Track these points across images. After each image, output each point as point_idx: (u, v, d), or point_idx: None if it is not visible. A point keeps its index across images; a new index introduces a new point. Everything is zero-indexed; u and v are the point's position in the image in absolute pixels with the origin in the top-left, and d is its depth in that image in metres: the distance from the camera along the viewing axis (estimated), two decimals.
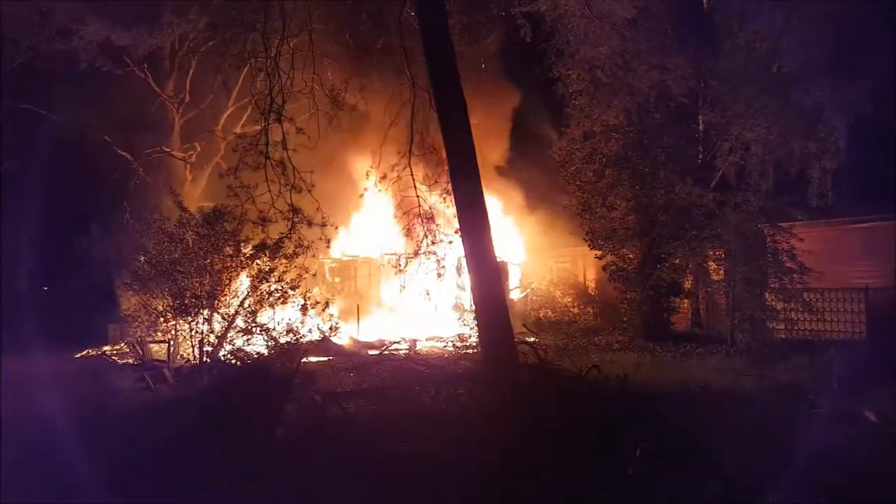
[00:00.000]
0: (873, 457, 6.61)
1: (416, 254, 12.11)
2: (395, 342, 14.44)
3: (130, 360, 13.81)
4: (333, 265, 19.02)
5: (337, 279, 18.79)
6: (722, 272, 14.79)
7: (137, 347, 13.77)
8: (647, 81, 13.80)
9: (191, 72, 18.19)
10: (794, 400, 8.91)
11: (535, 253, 20.75)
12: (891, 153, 14.41)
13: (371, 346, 14.51)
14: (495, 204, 18.70)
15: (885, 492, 5.81)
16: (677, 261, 14.44)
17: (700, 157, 15.11)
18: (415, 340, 14.75)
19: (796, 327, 13.57)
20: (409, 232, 12.24)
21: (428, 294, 12.36)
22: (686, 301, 15.71)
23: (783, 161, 14.83)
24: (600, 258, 15.78)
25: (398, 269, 12.52)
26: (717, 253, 14.70)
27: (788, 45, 13.94)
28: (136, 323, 13.51)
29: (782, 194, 14.47)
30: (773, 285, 13.78)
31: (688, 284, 15.41)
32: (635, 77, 13.82)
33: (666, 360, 12.79)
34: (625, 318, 15.49)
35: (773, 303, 13.78)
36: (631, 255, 15.09)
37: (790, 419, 7.89)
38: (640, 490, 5.89)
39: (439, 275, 12.03)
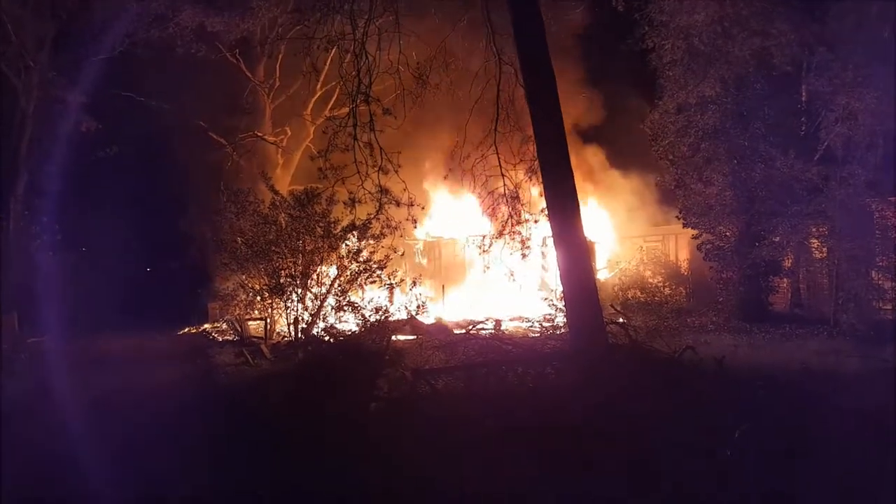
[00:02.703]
0: None
1: (501, 234, 12.07)
2: (480, 322, 14.52)
3: (229, 337, 14.55)
4: (419, 246, 19.27)
5: (423, 259, 19.05)
6: (825, 250, 14.09)
7: (236, 325, 14.47)
8: (747, 49, 13.09)
9: (280, 57, 18.70)
10: None
11: (623, 232, 20.28)
12: None
13: (457, 325, 14.66)
14: (582, 182, 18.38)
15: None
16: (777, 238, 13.84)
17: (803, 129, 14.25)
18: (500, 320, 14.78)
19: None
20: (493, 212, 12.21)
21: (512, 274, 12.30)
22: (785, 281, 15.00)
23: (894, 131, 13.78)
24: (696, 237, 15.28)
25: (482, 250, 12.52)
26: (820, 230, 14.00)
27: None
28: (235, 301, 14.23)
29: (893, 167, 13.50)
30: (880, 263, 13.15)
31: (788, 263, 14.71)
32: (734, 45, 13.14)
33: (764, 342, 12.32)
34: (720, 299, 14.97)
35: (881, 282, 13.14)
36: (728, 233, 14.53)
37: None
38: (739, 474, 5.70)
39: (524, 255, 11.95)
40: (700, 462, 5.96)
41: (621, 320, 13.00)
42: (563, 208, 10.29)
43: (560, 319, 12.82)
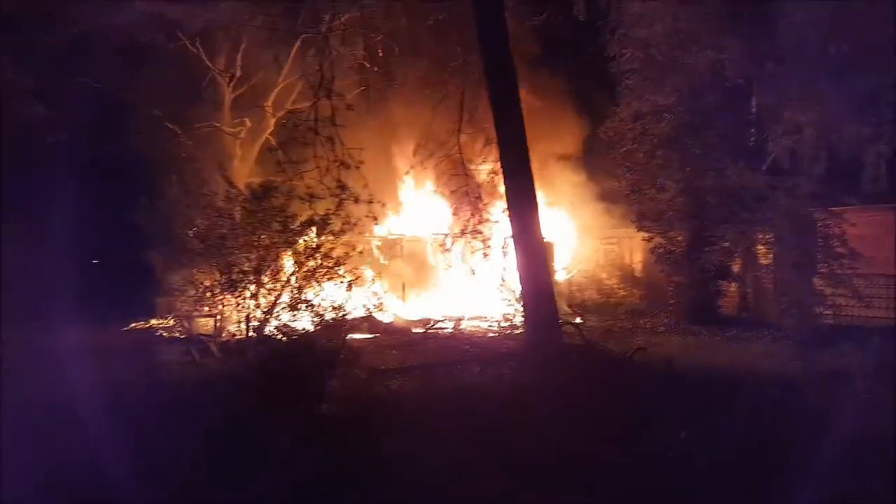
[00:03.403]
0: None
1: (463, 233, 12.16)
2: (439, 321, 14.56)
3: (178, 334, 14.14)
4: (380, 243, 19.15)
5: (383, 257, 18.92)
6: (771, 256, 14.64)
7: (184, 321, 14.09)
8: (701, 61, 13.54)
9: (242, 47, 18.24)
10: (842, 386, 8.75)
11: (582, 234, 20.66)
12: None
13: (416, 324, 14.65)
14: (543, 184, 18.57)
15: None
16: (726, 244, 14.35)
17: (752, 139, 14.80)
18: (459, 319, 14.85)
19: (844, 313, 13.39)
20: (456, 211, 12.27)
21: (473, 273, 12.40)
22: (733, 285, 15.53)
23: (837, 145, 14.42)
24: (648, 240, 15.68)
25: (444, 249, 12.57)
26: (766, 237, 14.57)
27: (844, 27, 13.45)
28: (184, 297, 13.80)
29: (835, 178, 14.13)
30: (822, 270, 13.63)
31: (736, 268, 15.26)
32: (689, 57, 13.57)
33: (712, 344, 12.73)
34: (671, 301, 15.43)
35: (822, 288, 13.59)
36: (679, 238, 14.99)
37: (838, 406, 7.74)
38: (682, 474, 5.88)
39: (485, 254, 12.06)
40: (646, 463, 6.11)
41: (577, 320, 13.29)
42: (523, 210, 10.45)
43: (519, 319, 13.01)
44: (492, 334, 13.36)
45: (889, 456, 6.05)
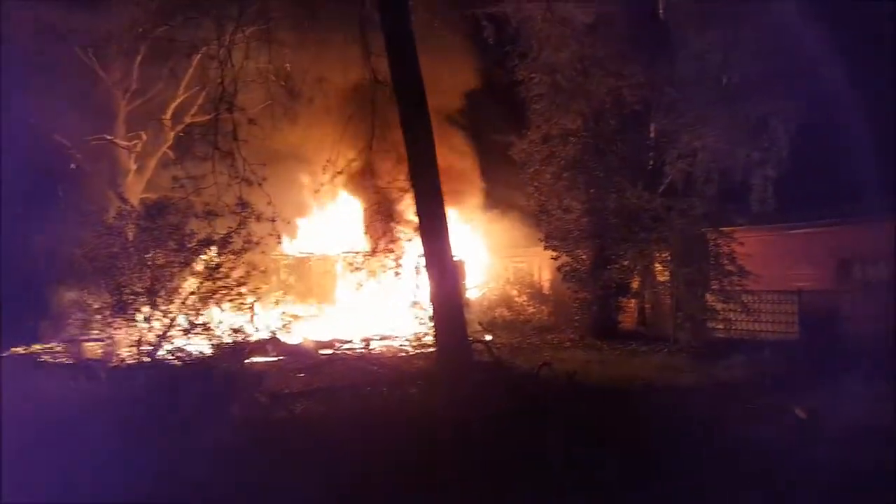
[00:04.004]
0: (798, 451, 6.76)
1: (374, 252, 12.01)
2: (348, 341, 14.24)
3: (64, 360, 13.13)
4: (288, 261, 18.59)
5: (291, 276, 18.37)
6: (667, 274, 15.31)
7: (71, 346, 13.10)
8: (603, 88, 14.11)
9: (139, 58, 17.29)
10: (729, 397, 9.27)
11: (493, 252, 20.98)
12: (828, 163, 15.07)
13: (324, 345, 14.24)
14: (455, 204, 18.71)
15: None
16: (626, 262, 14.92)
17: (651, 163, 15.53)
18: (369, 339, 14.59)
19: (734, 327, 14.09)
20: (367, 229, 12.12)
21: (385, 292, 12.25)
22: (633, 301, 16.15)
23: (728, 169, 15.34)
24: (555, 259, 16.05)
25: (354, 267, 12.35)
26: (662, 255, 15.19)
27: (736, 58, 14.41)
28: (70, 320, 12.85)
29: (726, 200, 15.00)
30: (713, 287, 14.30)
31: (635, 285, 15.89)
32: (592, 83, 14.11)
33: (613, 358, 13.16)
34: (576, 317, 15.85)
35: (714, 303, 14.27)
36: (584, 256, 15.45)
37: (724, 416, 8.20)
38: (581, 484, 5.94)
39: (397, 273, 11.97)
40: (548, 480, 6.15)
41: (488, 338, 13.40)
42: (434, 232, 10.48)
43: (430, 338, 12.95)
44: (402, 354, 13.21)
45: (770, 458, 6.36)
